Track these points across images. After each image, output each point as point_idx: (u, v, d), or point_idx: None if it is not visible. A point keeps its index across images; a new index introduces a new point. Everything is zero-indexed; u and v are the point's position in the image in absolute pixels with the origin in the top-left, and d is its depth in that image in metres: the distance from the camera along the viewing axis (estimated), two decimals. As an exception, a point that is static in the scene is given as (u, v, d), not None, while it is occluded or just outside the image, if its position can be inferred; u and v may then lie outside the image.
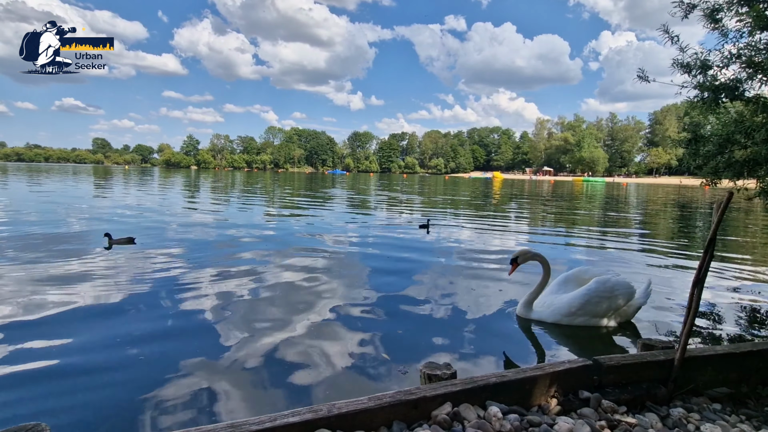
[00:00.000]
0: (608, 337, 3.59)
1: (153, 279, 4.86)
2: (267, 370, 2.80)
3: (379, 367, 2.89)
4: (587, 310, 3.65)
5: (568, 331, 3.65)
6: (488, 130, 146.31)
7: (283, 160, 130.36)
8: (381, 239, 8.12)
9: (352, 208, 15.26)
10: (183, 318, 3.71)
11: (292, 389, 2.57)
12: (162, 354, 2.97)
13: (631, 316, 3.84)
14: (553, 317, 3.75)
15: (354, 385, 2.66)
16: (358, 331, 3.48)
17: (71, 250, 6.25)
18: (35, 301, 3.95)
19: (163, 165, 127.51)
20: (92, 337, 3.23)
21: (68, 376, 2.65)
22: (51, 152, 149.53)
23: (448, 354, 3.12)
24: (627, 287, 3.71)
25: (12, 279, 4.66)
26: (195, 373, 2.71)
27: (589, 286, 3.71)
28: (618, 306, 3.69)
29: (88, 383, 2.57)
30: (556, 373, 1.81)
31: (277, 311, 3.94)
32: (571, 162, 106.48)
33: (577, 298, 3.71)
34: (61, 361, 2.82)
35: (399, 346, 3.24)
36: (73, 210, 11.69)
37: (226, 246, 7.01)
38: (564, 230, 10.57)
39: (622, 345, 3.44)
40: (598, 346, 3.42)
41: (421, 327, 3.68)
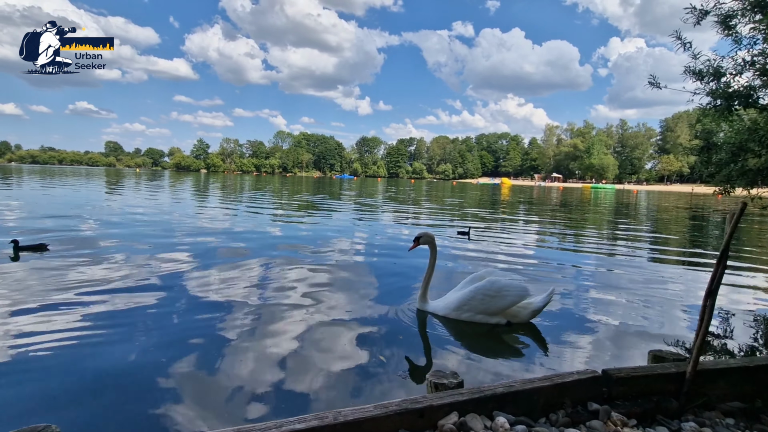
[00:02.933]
0: (616, 348, 3.54)
1: (159, 279, 4.90)
2: (269, 375, 2.80)
3: (381, 374, 2.87)
4: (472, 306, 3.84)
5: (571, 339, 3.60)
6: (496, 136, 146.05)
7: (292, 165, 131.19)
8: (397, 246, 8.10)
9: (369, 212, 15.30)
10: (189, 322, 3.72)
11: (294, 395, 2.56)
12: (164, 358, 2.98)
13: (526, 318, 3.90)
14: (444, 311, 3.97)
15: (356, 391, 2.65)
16: (362, 337, 3.47)
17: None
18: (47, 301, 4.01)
19: (173, 168, 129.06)
20: (102, 340, 3.26)
21: (75, 380, 2.68)
22: (64, 155, 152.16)
23: (453, 359, 3.09)
24: (518, 290, 3.82)
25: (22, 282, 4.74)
26: (197, 379, 2.72)
27: (477, 285, 3.88)
28: (506, 306, 3.81)
29: (94, 388, 2.60)
30: (565, 384, 1.78)
31: (284, 316, 3.95)
32: (580, 168, 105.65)
33: (465, 294, 3.90)
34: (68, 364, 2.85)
35: (400, 351, 3.23)
36: (87, 212, 11.87)
37: (233, 251, 7.05)
38: (573, 237, 10.47)
39: (631, 356, 3.38)
40: (605, 357, 3.37)
41: (426, 333, 3.66)
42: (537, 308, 3.88)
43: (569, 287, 5.35)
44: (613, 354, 3.43)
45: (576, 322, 4.06)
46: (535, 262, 6.92)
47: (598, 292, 5.17)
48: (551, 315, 4.20)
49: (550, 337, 3.65)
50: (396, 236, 9.31)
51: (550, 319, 4.10)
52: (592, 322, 4.07)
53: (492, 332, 3.73)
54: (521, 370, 3.02)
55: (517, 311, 3.87)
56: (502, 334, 3.72)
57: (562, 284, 5.48)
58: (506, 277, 3.96)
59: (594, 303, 4.69)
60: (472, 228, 10.19)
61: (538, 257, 7.41)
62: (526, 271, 6.10)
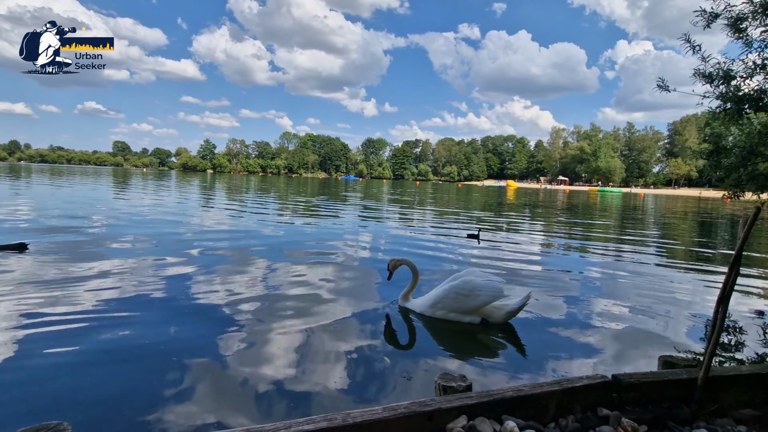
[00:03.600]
0: (623, 353, 3.50)
1: (163, 281, 4.93)
2: (272, 375, 2.80)
3: (386, 375, 2.87)
4: (445, 305, 3.93)
5: (578, 344, 3.58)
6: (502, 139, 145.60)
7: (297, 165, 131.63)
8: (413, 246, 8.10)
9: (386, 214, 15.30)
10: (195, 321, 3.74)
11: (297, 395, 2.57)
12: (174, 357, 2.99)
13: (500, 319, 3.92)
14: (421, 309, 4.08)
15: (360, 392, 2.64)
16: (366, 337, 3.47)
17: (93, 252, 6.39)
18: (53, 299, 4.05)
19: (180, 168, 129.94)
20: (113, 336, 3.29)
21: (84, 378, 2.70)
22: (73, 154, 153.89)
23: (459, 362, 3.08)
24: (491, 290, 3.85)
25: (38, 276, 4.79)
26: (202, 379, 2.73)
27: (452, 284, 3.97)
28: (478, 306, 3.86)
29: (102, 387, 2.62)
30: (575, 389, 1.77)
31: (287, 315, 3.96)
32: (586, 172, 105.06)
33: (439, 293, 4.00)
34: (78, 361, 2.88)
35: (404, 353, 3.22)
36: (96, 210, 11.97)
37: (242, 249, 7.07)
38: (579, 241, 10.40)
39: (639, 362, 3.35)
40: (612, 363, 3.33)
41: (433, 335, 3.65)
42: (512, 310, 3.90)
43: (576, 291, 5.31)
44: (620, 359, 3.40)
45: (583, 326, 4.04)
46: (539, 267, 6.88)
47: (604, 296, 5.13)
48: (557, 320, 4.18)
49: (556, 342, 3.63)
50: (401, 238, 9.29)
51: (557, 323, 4.08)
52: (599, 327, 4.04)
53: (499, 335, 3.71)
54: (529, 374, 3.00)
55: (491, 311, 3.92)
56: (509, 337, 3.70)
57: (568, 289, 5.46)
58: (484, 278, 4.02)
59: (601, 308, 4.66)
60: (482, 230, 10.11)
61: (544, 261, 7.37)
62: (531, 274, 6.07)
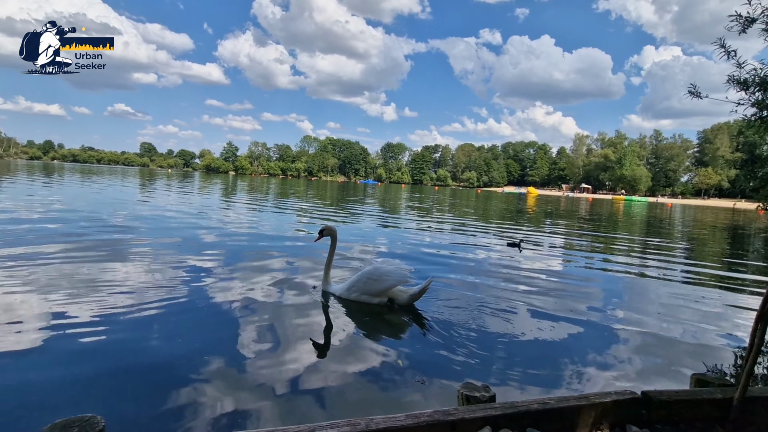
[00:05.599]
0: (648, 369, 3.38)
1: (186, 279, 5.03)
2: (294, 379, 2.81)
3: (399, 380, 2.84)
4: (358, 288, 4.40)
5: (601, 358, 3.47)
6: (523, 145, 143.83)
7: (317, 169, 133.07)
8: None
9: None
10: (217, 325, 3.80)
11: (317, 399, 2.57)
12: (193, 355, 3.05)
13: (405, 301, 4.39)
14: (339, 292, 4.55)
15: (375, 396, 2.63)
16: (380, 340, 3.46)
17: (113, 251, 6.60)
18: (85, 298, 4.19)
19: (203, 170, 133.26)
20: (138, 331, 3.38)
21: (116, 371, 2.78)
22: (103, 154, 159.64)
23: (481, 369, 3.03)
24: (397, 276, 4.32)
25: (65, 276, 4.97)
26: (223, 376, 2.77)
27: (364, 270, 4.48)
28: (385, 288, 4.34)
29: (134, 381, 2.69)
30: (602, 405, 1.72)
31: (302, 315, 3.99)
32: (611, 180, 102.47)
33: (354, 278, 4.50)
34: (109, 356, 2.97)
35: (419, 357, 3.19)
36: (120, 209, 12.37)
37: (257, 251, 7.17)
38: (601, 252, 10.14)
39: (665, 379, 3.23)
40: (636, 378, 3.22)
41: (455, 342, 3.60)
42: (414, 293, 4.37)
43: (598, 303, 5.18)
44: (646, 376, 3.28)
45: (607, 340, 3.92)
46: (560, 277, 6.74)
47: (628, 309, 4.98)
48: (581, 332, 4.07)
49: (579, 355, 3.53)
50: (418, 243, 9.25)
51: (580, 335, 3.98)
52: (624, 341, 3.92)
53: (518, 346, 3.63)
54: (553, 386, 2.93)
55: (396, 294, 4.39)
56: (532, 348, 3.62)
57: (591, 299, 5.32)
58: (393, 266, 4.51)
59: (625, 321, 4.52)
60: (523, 240, 9.78)
61: (566, 271, 7.22)
62: (552, 285, 5.95)
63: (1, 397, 2.36)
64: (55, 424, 1.19)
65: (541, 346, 3.66)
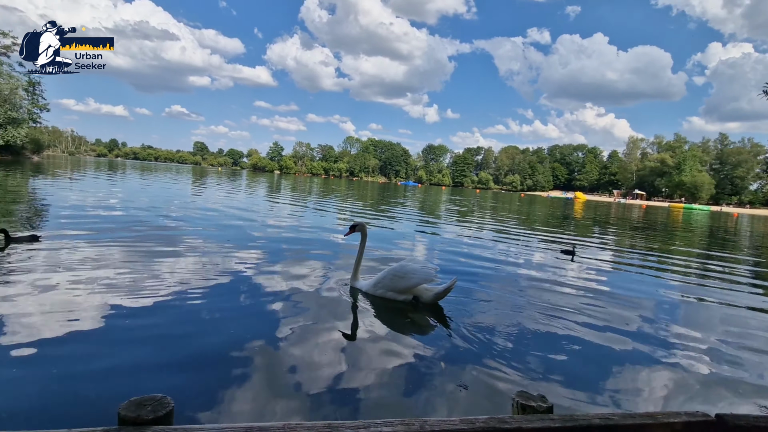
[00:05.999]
0: (717, 393, 3.11)
1: (232, 274, 5.24)
2: (334, 375, 2.85)
3: (441, 382, 2.79)
4: (383, 285, 4.49)
5: (658, 375, 3.23)
6: (571, 148, 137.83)
7: (358, 169, 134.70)
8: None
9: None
10: (260, 316, 3.92)
11: (359, 395, 2.59)
12: (247, 346, 3.16)
13: (429, 299, 4.43)
14: (366, 288, 4.65)
15: (418, 397, 2.60)
16: (425, 344, 3.42)
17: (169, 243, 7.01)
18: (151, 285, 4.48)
19: (250, 168, 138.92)
20: (204, 317, 3.57)
21: (182, 355, 2.94)
22: (160, 152, 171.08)
23: (537, 378, 2.92)
24: (423, 274, 4.37)
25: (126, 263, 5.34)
26: (276, 371, 2.85)
27: (391, 267, 4.56)
28: (410, 286, 4.38)
29: (199, 364, 2.83)
30: (671, 425, 1.59)
31: (339, 313, 4.03)
32: (668, 186, 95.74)
33: (380, 275, 4.58)
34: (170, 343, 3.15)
35: (463, 362, 3.12)
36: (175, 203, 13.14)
37: (302, 249, 7.35)
38: (657, 263, 9.49)
39: (730, 402, 2.96)
40: (706, 400, 2.97)
41: (499, 349, 3.50)
42: (438, 292, 4.40)
43: (652, 316, 4.85)
44: (709, 398, 3.02)
45: (665, 358, 3.65)
46: (610, 288, 6.38)
47: (686, 326, 4.61)
48: (635, 347, 3.83)
49: (634, 371, 3.31)
50: (457, 245, 9.10)
51: (634, 350, 3.74)
52: (685, 360, 3.63)
53: (569, 357, 3.47)
54: (609, 402, 2.77)
55: (421, 292, 4.45)
56: (582, 361, 3.44)
57: (645, 313, 5.00)
58: (419, 264, 4.56)
59: (683, 339, 4.19)
60: (577, 246, 9.42)
61: (614, 281, 6.83)
62: (600, 296, 5.64)
63: (75, 376, 2.56)
64: (131, 401, 1.27)
65: (594, 359, 3.48)
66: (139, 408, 1.26)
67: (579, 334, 4.01)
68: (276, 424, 1.28)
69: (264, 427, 1.27)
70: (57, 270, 4.66)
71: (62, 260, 5.08)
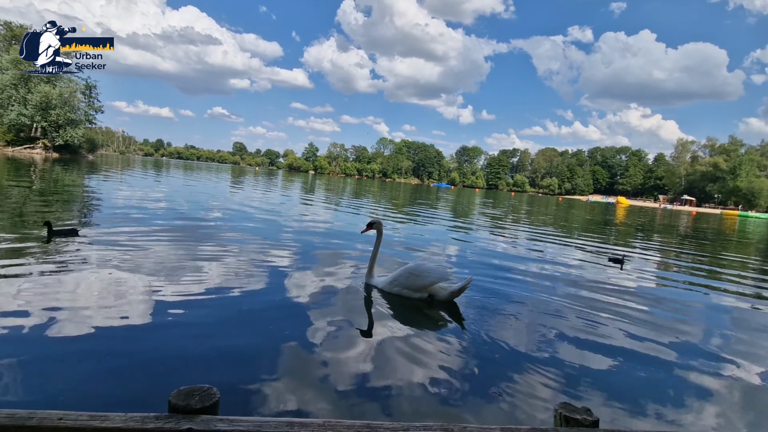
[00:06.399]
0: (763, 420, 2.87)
1: (266, 270, 5.38)
2: (364, 374, 2.85)
3: (473, 388, 2.73)
4: (399, 282, 4.58)
5: (710, 396, 3.01)
6: (614, 150, 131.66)
7: (391, 170, 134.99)
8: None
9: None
10: (295, 312, 3.99)
11: (394, 397, 2.57)
12: (283, 345, 3.23)
13: (444, 297, 4.50)
14: (382, 285, 4.73)
15: (450, 401, 2.55)
16: (457, 349, 3.36)
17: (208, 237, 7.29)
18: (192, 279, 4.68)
19: (286, 168, 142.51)
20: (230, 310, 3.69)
21: (228, 347, 3.06)
22: (202, 152, 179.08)
23: (581, 389, 2.81)
24: (438, 273, 4.50)
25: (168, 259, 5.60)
26: (310, 368, 2.89)
27: (407, 265, 4.66)
28: (426, 285, 4.47)
29: (242, 357, 2.93)
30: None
31: (370, 314, 4.03)
32: (721, 192, 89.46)
33: (396, 272, 4.67)
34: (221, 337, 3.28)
35: (495, 366, 3.04)
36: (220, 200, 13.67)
37: (333, 247, 7.43)
38: (710, 276, 8.88)
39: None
40: (753, 426, 2.75)
41: (536, 357, 3.40)
42: (454, 290, 4.48)
43: (712, 334, 4.54)
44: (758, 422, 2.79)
45: (717, 379, 3.41)
46: (654, 301, 6.03)
47: (743, 345, 4.29)
48: (688, 368, 3.60)
49: (681, 389, 3.11)
50: (492, 249, 8.91)
51: (684, 372, 3.51)
52: (736, 377, 3.38)
53: (611, 368, 3.31)
54: (656, 420, 2.61)
55: (437, 290, 4.51)
56: (630, 370, 3.27)
57: (702, 329, 4.69)
58: (435, 263, 4.75)
59: (737, 356, 3.89)
60: (626, 256, 8.88)
61: (662, 294, 6.45)
62: (639, 306, 5.35)
63: (126, 364, 2.71)
64: (181, 391, 1.33)
65: (639, 372, 3.29)
66: (188, 397, 1.31)
67: (623, 344, 3.81)
68: (317, 420, 1.30)
69: (305, 422, 1.29)
70: (106, 262, 4.95)
71: (110, 253, 5.39)
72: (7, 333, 2.95)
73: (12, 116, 44.99)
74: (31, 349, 2.75)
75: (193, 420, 1.24)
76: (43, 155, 43.79)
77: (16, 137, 46.83)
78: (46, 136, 47.82)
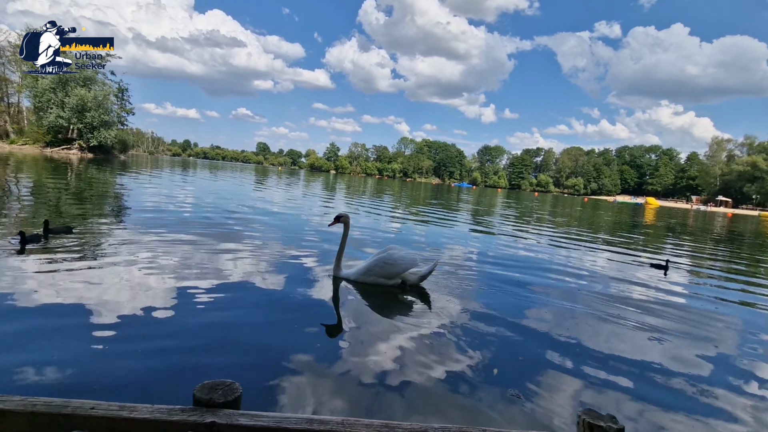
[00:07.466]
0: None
1: (287, 269, 5.45)
2: (381, 373, 2.85)
3: (491, 389, 2.69)
4: (375, 272, 4.83)
5: (735, 401, 2.87)
6: (643, 149, 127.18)
7: (412, 170, 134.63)
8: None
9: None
10: (318, 309, 4.05)
11: (410, 396, 2.57)
12: (306, 342, 3.28)
13: (415, 281, 4.93)
14: (354, 276, 4.92)
15: (471, 406, 2.53)
16: (475, 350, 3.32)
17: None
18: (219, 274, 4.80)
19: (308, 168, 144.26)
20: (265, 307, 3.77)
21: (250, 345, 3.13)
22: (227, 152, 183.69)
23: (603, 393, 2.74)
24: (409, 260, 4.85)
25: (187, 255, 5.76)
26: (333, 366, 2.92)
27: (380, 256, 4.89)
28: (399, 272, 4.82)
29: (267, 356, 2.99)
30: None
31: (388, 315, 4.03)
32: (759, 193, 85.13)
33: (369, 263, 4.90)
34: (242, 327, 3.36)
35: (516, 366, 2.98)
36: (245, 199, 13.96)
37: (352, 249, 7.47)
38: (749, 284, 8.47)
39: None
40: None
41: (562, 361, 3.32)
42: (423, 274, 4.92)
43: (729, 340, 4.34)
44: None
45: (748, 389, 3.26)
46: (688, 305, 5.79)
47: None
48: (712, 372, 3.44)
49: (711, 400, 2.99)
50: (516, 251, 8.76)
51: (711, 376, 3.37)
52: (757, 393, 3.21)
53: (640, 375, 3.20)
54: (686, 426, 2.52)
55: (408, 276, 4.89)
56: (657, 379, 3.16)
57: (717, 334, 4.48)
58: (403, 251, 4.96)
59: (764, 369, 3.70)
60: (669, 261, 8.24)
61: (691, 304, 6.20)
62: (674, 312, 5.15)
63: (153, 357, 2.81)
64: (205, 385, 1.37)
65: (667, 381, 3.18)
66: (212, 391, 1.35)
67: (651, 353, 3.68)
68: (335, 418, 1.31)
69: (324, 420, 1.30)
70: (134, 257, 5.14)
71: (138, 249, 5.59)
72: (48, 326, 3.10)
73: (51, 118, 47.26)
74: (68, 342, 2.89)
75: (217, 414, 1.28)
76: (78, 155, 45.82)
77: (54, 138, 49.21)
78: (81, 137, 50.00)
